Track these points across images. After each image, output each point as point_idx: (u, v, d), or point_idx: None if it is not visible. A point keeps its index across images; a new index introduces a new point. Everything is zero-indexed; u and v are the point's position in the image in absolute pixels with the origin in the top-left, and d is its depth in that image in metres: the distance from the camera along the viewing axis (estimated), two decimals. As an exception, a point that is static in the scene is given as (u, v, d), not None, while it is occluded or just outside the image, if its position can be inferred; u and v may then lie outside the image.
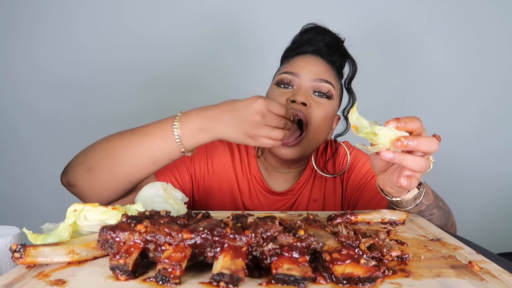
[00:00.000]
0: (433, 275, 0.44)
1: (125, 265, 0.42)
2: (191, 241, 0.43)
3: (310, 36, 0.98)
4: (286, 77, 0.92)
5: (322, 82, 0.91)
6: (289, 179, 1.03)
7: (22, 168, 1.80)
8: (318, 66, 0.93)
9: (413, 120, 0.57)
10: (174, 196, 0.70)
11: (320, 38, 0.98)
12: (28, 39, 1.71)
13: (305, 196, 1.02)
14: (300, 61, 0.94)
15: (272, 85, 0.96)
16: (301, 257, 0.42)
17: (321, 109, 0.90)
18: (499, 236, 1.65)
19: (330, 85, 0.92)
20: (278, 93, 0.92)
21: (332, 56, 0.98)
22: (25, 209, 1.78)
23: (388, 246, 0.50)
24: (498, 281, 0.43)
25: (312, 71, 0.92)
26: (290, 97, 0.89)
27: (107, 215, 0.54)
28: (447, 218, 0.79)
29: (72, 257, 0.47)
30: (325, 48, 0.97)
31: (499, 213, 1.70)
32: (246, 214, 0.56)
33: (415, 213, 0.74)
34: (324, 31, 0.99)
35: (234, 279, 0.39)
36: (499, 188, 1.71)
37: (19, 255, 0.45)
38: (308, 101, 0.88)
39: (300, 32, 1.01)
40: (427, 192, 0.73)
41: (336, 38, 0.99)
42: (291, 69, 0.93)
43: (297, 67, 0.93)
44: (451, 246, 0.55)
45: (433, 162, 0.58)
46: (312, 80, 0.91)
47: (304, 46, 0.98)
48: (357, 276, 0.40)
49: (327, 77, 0.93)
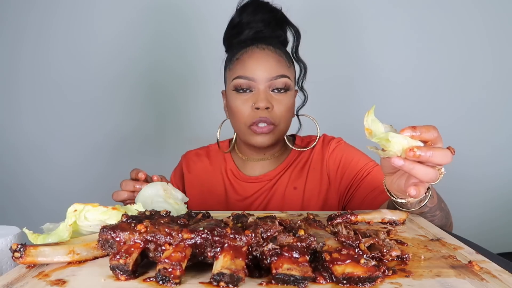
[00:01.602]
0: (433, 275, 0.44)
1: (125, 265, 0.42)
2: (191, 241, 0.43)
3: (248, 17, 0.99)
4: (243, 82, 0.95)
5: (277, 79, 0.94)
6: (266, 165, 1.07)
7: (22, 168, 1.80)
8: (269, 62, 0.95)
9: (429, 130, 0.55)
10: (174, 196, 0.70)
11: (259, 18, 0.99)
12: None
13: (283, 182, 1.04)
14: (250, 60, 0.95)
15: (230, 91, 0.98)
16: (301, 257, 0.42)
17: (283, 105, 0.96)
18: (499, 236, 1.65)
19: (285, 78, 0.95)
20: (240, 101, 0.96)
21: (275, 32, 1.00)
22: (26, 209, 1.79)
23: (388, 246, 0.50)
24: (498, 281, 0.43)
25: (265, 70, 0.94)
26: (253, 105, 0.94)
27: (107, 215, 0.54)
28: (447, 219, 0.79)
29: (72, 257, 0.48)
30: (266, 28, 0.99)
31: (499, 212, 1.70)
32: (246, 214, 0.56)
33: (416, 213, 0.74)
34: (260, 8, 0.99)
35: (234, 279, 0.39)
36: (499, 187, 1.70)
37: (19, 255, 0.45)
38: (270, 103, 0.93)
39: (237, 12, 1.01)
40: (432, 195, 0.72)
41: (274, 11, 1.00)
42: (245, 73, 0.95)
43: (250, 69, 0.94)
44: (451, 246, 0.55)
45: (443, 174, 0.57)
46: (268, 80, 0.94)
47: (244, 32, 0.99)
48: (357, 276, 0.40)
49: (280, 69, 0.95)
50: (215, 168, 1.12)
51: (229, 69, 1.00)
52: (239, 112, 0.96)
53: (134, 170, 0.83)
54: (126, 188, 0.79)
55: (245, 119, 0.96)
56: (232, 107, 0.98)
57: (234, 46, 1.02)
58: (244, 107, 0.96)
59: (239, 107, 0.96)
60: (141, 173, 0.80)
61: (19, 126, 1.78)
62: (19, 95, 1.76)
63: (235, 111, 0.97)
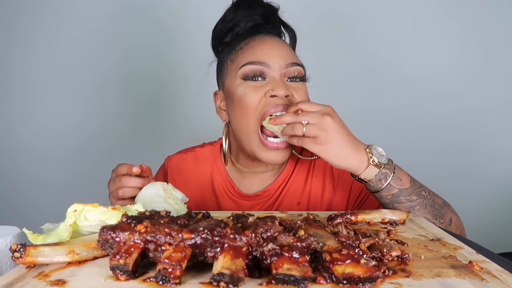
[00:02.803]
0: (433, 275, 0.44)
1: (125, 265, 0.42)
2: (191, 241, 0.43)
3: (244, 12, 0.90)
4: (256, 68, 0.83)
5: (293, 66, 0.86)
6: (266, 178, 0.96)
7: (22, 168, 1.80)
8: (284, 49, 0.87)
9: (291, 107, 0.76)
10: (174, 196, 0.70)
11: (255, 12, 0.91)
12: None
13: (285, 198, 0.94)
14: (262, 46, 0.86)
15: (238, 81, 0.85)
16: (301, 257, 0.42)
17: (303, 95, 0.87)
18: (500, 236, 1.65)
19: (300, 67, 0.88)
20: (252, 89, 0.83)
21: (276, 29, 0.94)
22: (25, 209, 1.79)
23: (388, 246, 0.50)
24: (498, 281, 0.43)
25: (280, 56, 0.85)
26: (269, 91, 0.82)
27: (107, 215, 0.54)
28: (438, 210, 0.79)
29: (72, 257, 0.47)
30: (264, 22, 0.92)
31: (499, 213, 1.70)
32: (246, 214, 0.56)
33: (389, 197, 0.77)
34: (255, 3, 0.91)
35: (234, 279, 0.39)
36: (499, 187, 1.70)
37: (19, 255, 0.45)
38: (289, 91, 0.83)
39: (230, 8, 0.91)
40: (399, 177, 0.77)
41: (271, 7, 0.92)
42: (257, 58, 0.84)
43: (262, 54, 0.84)
44: (451, 246, 0.55)
45: (306, 127, 0.73)
46: (283, 66, 0.85)
47: (241, 24, 0.90)
48: (357, 276, 0.40)
49: (294, 57, 0.89)
50: (205, 178, 0.99)
51: (232, 61, 0.88)
52: (248, 100, 0.82)
53: (124, 165, 0.79)
54: (130, 184, 0.77)
55: (256, 107, 0.83)
56: (240, 97, 0.84)
57: (231, 41, 0.92)
58: (255, 94, 0.83)
59: (248, 94, 0.83)
60: (135, 167, 0.76)
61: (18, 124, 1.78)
62: (8, 95, 1.77)
63: (243, 100, 0.83)
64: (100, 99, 1.75)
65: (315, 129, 0.72)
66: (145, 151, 1.75)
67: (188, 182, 1.00)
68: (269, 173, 0.96)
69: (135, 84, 1.76)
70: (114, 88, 1.75)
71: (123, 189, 0.77)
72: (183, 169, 1.02)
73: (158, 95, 1.77)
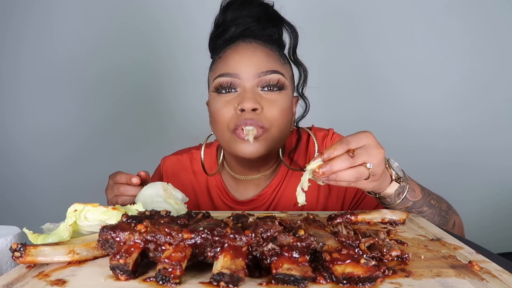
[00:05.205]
0: (433, 274, 0.44)
1: (125, 265, 0.42)
2: (191, 241, 0.43)
3: (234, 14, 0.84)
4: (225, 80, 0.79)
5: (268, 75, 0.79)
6: (260, 184, 0.93)
7: (22, 168, 1.80)
8: (257, 56, 0.80)
9: (336, 148, 0.59)
10: (174, 196, 0.70)
11: (246, 13, 0.84)
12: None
13: (281, 200, 0.91)
14: (234, 55, 0.80)
15: (211, 92, 0.83)
16: (301, 257, 0.42)
17: (275, 107, 0.79)
18: (500, 236, 1.65)
19: (278, 74, 0.80)
20: (222, 104, 0.80)
21: (267, 30, 0.86)
22: (26, 209, 1.79)
23: (388, 246, 0.50)
24: (498, 281, 0.43)
25: (252, 64, 0.78)
26: (237, 106, 0.77)
27: (107, 215, 0.54)
28: (444, 217, 0.79)
29: (72, 257, 0.48)
30: (256, 23, 0.85)
31: (499, 213, 1.70)
32: (246, 214, 0.56)
33: (402, 209, 0.75)
34: (248, 3, 0.84)
35: (234, 279, 0.39)
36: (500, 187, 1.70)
37: (19, 254, 0.45)
38: (258, 104, 0.77)
39: (221, 11, 0.86)
40: (413, 189, 0.75)
41: (265, 6, 0.85)
42: (228, 69, 0.79)
43: (233, 64, 0.79)
44: (451, 246, 0.55)
45: (371, 169, 0.61)
46: (256, 76, 0.78)
47: (231, 29, 0.85)
48: (357, 276, 0.40)
49: (271, 64, 0.80)
50: (200, 181, 0.97)
51: (211, 71, 0.86)
52: (220, 116, 0.80)
53: (122, 175, 0.78)
54: (129, 193, 0.77)
55: (227, 123, 0.79)
56: (213, 112, 0.82)
57: (218, 46, 0.88)
58: (226, 109, 0.79)
59: (220, 110, 0.80)
60: (135, 178, 0.76)
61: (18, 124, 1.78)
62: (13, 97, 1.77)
63: (215, 115, 0.81)
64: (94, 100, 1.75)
65: (377, 168, 0.61)
66: (142, 152, 1.75)
67: (183, 185, 0.97)
68: (263, 178, 0.93)
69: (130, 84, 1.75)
70: (109, 88, 1.75)
71: (122, 197, 0.78)
72: (178, 171, 0.99)
73: (155, 95, 1.76)
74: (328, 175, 0.58)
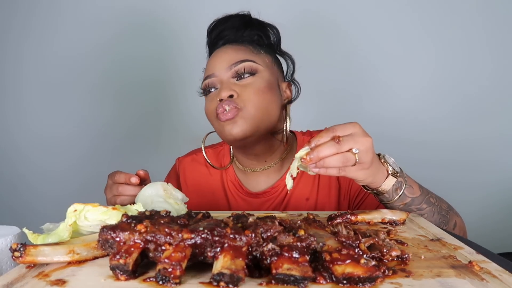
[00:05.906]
0: (433, 275, 0.44)
1: (125, 265, 0.42)
2: (191, 241, 0.43)
3: (220, 27, 0.97)
4: (206, 83, 0.91)
5: (237, 65, 0.88)
6: (270, 175, 0.98)
7: (22, 168, 1.80)
8: (228, 53, 0.90)
9: (322, 136, 0.62)
10: (174, 196, 0.70)
11: (229, 25, 0.96)
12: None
13: (294, 194, 0.95)
14: (210, 60, 0.92)
15: (204, 97, 0.94)
16: (301, 257, 0.42)
17: (249, 88, 0.86)
18: (500, 236, 1.65)
19: (249, 62, 0.88)
20: (208, 101, 0.91)
21: (245, 33, 0.96)
22: (26, 209, 1.79)
23: (388, 246, 0.50)
24: (498, 281, 0.43)
25: (223, 60, 0.89)
26: (216, 98, 0.87)
27: (107, 215, 0.54)
28: (444, 216, 0.79)
29: (72, 257, 0.48)
30: (235, 31, 0.96)
31: (499, 213, 1.70)
32: (246, 214, 0.56)
33: (401, 206, 0.76)
34: (229, 16, 0.97)
35: (234, 279, 0.39)
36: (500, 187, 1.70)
37: (19, 254, 0.45)
38: (233, 91, 0.85)
39: (207, 35, 0.99)
40: (410, 185, 0.76)
41: (241, 16, 0.97)
42: (207, 73, 0.91)
43: (210, 67, 0.91)
44: (451, 246, 0.55)
45: (358, 154, 0.63)
46: (228, 69, 0.88)
47: (219, 43, 0.97)
48: (357, 276, 0.40)
49: (241, 56, 0.89)
50: (215, 178, 1.03)
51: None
52: (207, 110, 0.91)
53: (121, 174, 0.80)
54: (128, 193, 0.78)
55: (213, 114, 0.88)
56: (205, 110, 0.93)
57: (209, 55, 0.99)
58: (211, 104, 0.89)
59: (207, 106, 0.91)
60: (133, 178, 0.78)
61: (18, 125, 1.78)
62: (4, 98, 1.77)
63: (206, 112, 0.92)
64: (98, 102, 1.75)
65: (364, 155, 0.64)
66: (143, 153, 1.75)
67: (200, 183, 1.03)
68: (272, 169, 0.98)
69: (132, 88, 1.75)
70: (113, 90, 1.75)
71: (120, 197, 0.79)
72: (194, 170, 1.05)
73: (156, 97, 1.76)
74: (315, 161, 0.61)
